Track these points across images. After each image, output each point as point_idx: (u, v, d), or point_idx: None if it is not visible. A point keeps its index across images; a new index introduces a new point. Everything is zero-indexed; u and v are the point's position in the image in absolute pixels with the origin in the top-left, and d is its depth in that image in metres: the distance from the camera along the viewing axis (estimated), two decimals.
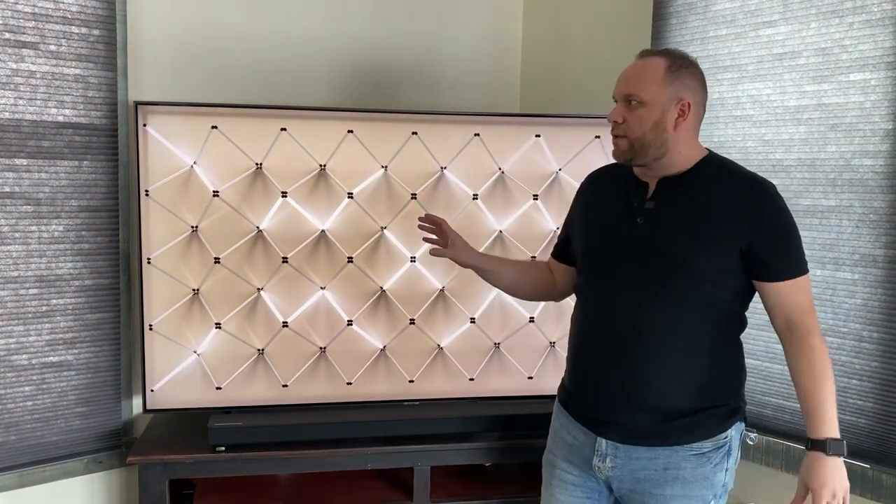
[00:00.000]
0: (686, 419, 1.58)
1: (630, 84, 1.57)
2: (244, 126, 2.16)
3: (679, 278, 1.55)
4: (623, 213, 1.64)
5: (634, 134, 1.57)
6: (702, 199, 1.57)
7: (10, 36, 2.06)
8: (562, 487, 1.73)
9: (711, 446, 1.60)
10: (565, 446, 1.73)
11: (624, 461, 1.61)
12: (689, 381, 1.59)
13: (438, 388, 2.35)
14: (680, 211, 1.58)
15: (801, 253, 1.58)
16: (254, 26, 2.46)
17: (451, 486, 2.32)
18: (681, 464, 1.59)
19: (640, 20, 2.49)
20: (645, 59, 1.60)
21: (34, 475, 2.18)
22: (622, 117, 1.57)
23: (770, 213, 1.55)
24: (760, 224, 1.54)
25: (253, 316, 2.22)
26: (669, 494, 1.59)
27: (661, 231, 1.58)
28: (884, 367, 1.96)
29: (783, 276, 1.55)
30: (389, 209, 2.28)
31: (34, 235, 2.14)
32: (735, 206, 1.55)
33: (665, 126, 1.56)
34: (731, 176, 1.60)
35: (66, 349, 2.22)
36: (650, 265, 1.57)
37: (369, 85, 2.66)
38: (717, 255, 1.55)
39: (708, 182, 1.59)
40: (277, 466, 2.18)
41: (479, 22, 2.85)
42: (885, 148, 1.93)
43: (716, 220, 1.55)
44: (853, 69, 1.99)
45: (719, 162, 1.64)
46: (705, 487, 1.60)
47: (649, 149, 1.57)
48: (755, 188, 1.57)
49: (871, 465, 1.97)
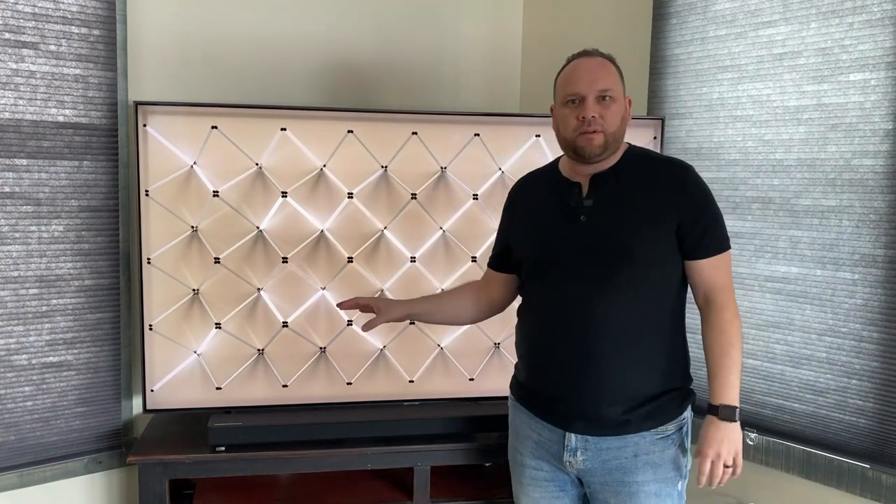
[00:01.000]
0: (650, 405, 1.63)
1: (603, 81, 1.62)
2: (244, 126, 2.16)
3: (629, 268, 1.59)
4: (564, 214, 1.69)
5: (611, 128, 1.62)
6: (635, 190, 1.64)
7: (10, 36, 2.07)
8: (534, 485, 1.77)
9: (674, 428, 1.66)
10: (531, 444, 1.76)
11: (594, 453, 1.65)
12: (650, 367, 1.64)
13: (438, 388, 2.36)
14: (618, 204, 1.64)
15: (724, 230, 1.66)
16: (254, 26, 2.46)
17: (451, 486, 2.32)
18: (650, 448, 1.64)
19: (640, 20, 2.49)
20: (597, 59, 1.66)
21: (34, 475, 2.18)
22: (598, 112, 1.61)
23: (694, 193, 1.63)
24: (687, 204, 1.62)
25: (253, 316, 2.22)
26: (642, 480, 1.63)
27: (606, 226, 1.63)
28: (884, 367, 1.96)
29: (707, 253, 1.63)
30: (389, 209, 2.28)
31: (34, 235, 2.14)
32: (664, 190, 1.63)
33: (626, 120, 1.67)
34: (655, 163, 1.69)
35: (66, 349, 2.22)
36: (600, 260, 1.62)
37: (369, 85, 2.66)
38: (658, 241, 1.62)
39: (636, 173, 1.66)
40: (277, 466, 2.18)
41: (479, 22, 2.85)
42: (885, 148, 1.93)
43: (651, 207, 1.62)
44: (853, 69, 1.99)
45: (639, 152, 1.72)
46: (673, 470, 1.66)
47: (616, 142, 1.65)
48: (679, 171, 1.66)
49: (870, 465, 1.97)
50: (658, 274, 1.62)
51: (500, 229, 1.90)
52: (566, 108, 1.64)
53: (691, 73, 2.34)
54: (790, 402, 2.15)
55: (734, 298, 1.65)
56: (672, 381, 1.67)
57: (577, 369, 1.64)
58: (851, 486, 2.00)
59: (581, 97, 1.61)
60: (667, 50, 2.41)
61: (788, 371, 2.15)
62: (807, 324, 2.11)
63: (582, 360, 1.63)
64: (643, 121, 2.35)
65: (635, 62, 2.52)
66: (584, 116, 1.60)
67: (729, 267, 1.66)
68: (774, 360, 2.18)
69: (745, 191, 2.23)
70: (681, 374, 1.71)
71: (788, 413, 2.16)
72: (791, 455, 2.12)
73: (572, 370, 1.65)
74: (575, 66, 1.66)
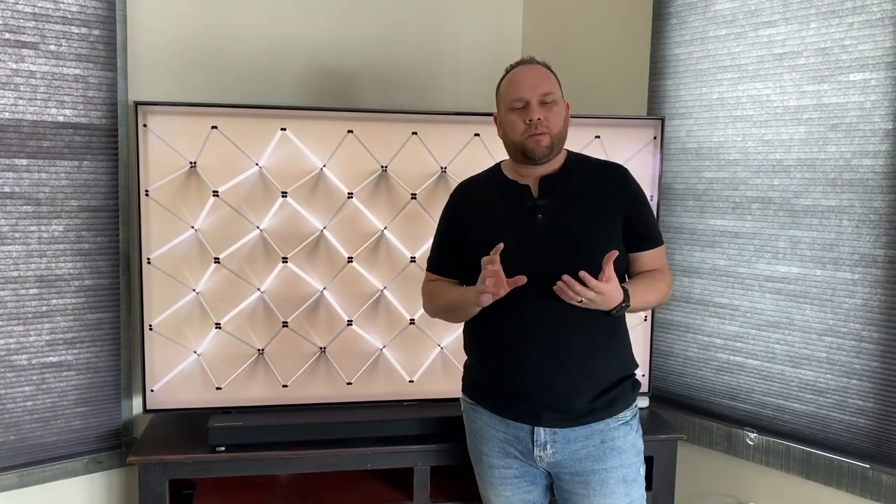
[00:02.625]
0: (612, 391, 1.72)
1: (544, 85, 1.70)
2: (244, 126, 2.16)
3: (588, 260, 1.61)
4: (519, 214, 1.73)
5: (555, 129, 1.70)
6: (583, 190, 1.73)
7: (10, 36, 2.07)
8: (505, 484, 1.80)
9: (631, 415, 1.76)
10: (498, 443, 1.78)
11: (564, 444, 1.70)
12: (609, 354, 1.73)
13: (438, 388, 2.36)
14: (570, 203, 1.72)
15: (657, 227, 1.83)
16: (254, 26, 2.46)
17: (451, 486, 2.32)
18: (614, 434, 1.72)
19: (640, 20, 2.49)
20: (536, 66, 1.74)
21: (34, 475, 2.18)
22: (543, 115, 1.68)
23: (635, 192, 1.77)
24: (631, 202, 1.75)
25: (253, 316, 2.22)
26: (610, 467, 1.70)
27: (563, 223, 1.70)
28: (884, 367, 1.96)
29: (652, 245, 1.77)
30: (389, 209, 2.28)
31: (34, 235, 2.14)
32: (609, 190, 1.74)
33: (568, 122, 1.75)
34: (595, 165, 1.80)
35: (66, 349, 2.22)
36: (561, 255, 1.66)
37: (369, 85, 2.66)
38: (611, 234, 1.71)
39: (581, 174, 1.76)
40: (277, 466, 2.18)
41: (479, 22, 2.85)
42: (885, 148, 1.94)
43: (599, 205, 1.72)
44: (853, 69, 1.99)
45: (579, 156, 1.82)
46: (635, 454, 1.75)
47: (561, 142, 1.74)
48: (618, 172, 1.78)
49: (870, 465, 1.97)
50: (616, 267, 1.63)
51: (446, 234, 1.87)
52: (512, 113, 1.71)
53: (691, 73, 2.34)
54: (790, 402, 2.15)
55: (671, 280, 1.83)
56: (626, 367, 1.78)
57: (545, 363, 1.68)
58: (851, 486, 2.00)
59: (526, 101, 1.69)
60: (667, 50, 2.41)
61: (788, 371, 2.15)
62: (807, 324, 2.11)
63: (550, 353, 1.68)
64: (643, 121, 2.35)
65: (635, 62, 2.52)
66: (531, 119, 1.67)
67: (665, 257, 1.83)
68: (774, 360, 2.18)
69: (745, 191, 2.23)
70: (631, 362, 1.81)
71: (788, 413, 2.16)
72: (791, 455, 2.12)
73: (540, 364, 1.69)
74: (516, 73, 1.74)
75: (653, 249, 1.78)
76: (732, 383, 2.28)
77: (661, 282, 1.77)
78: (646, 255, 1.77)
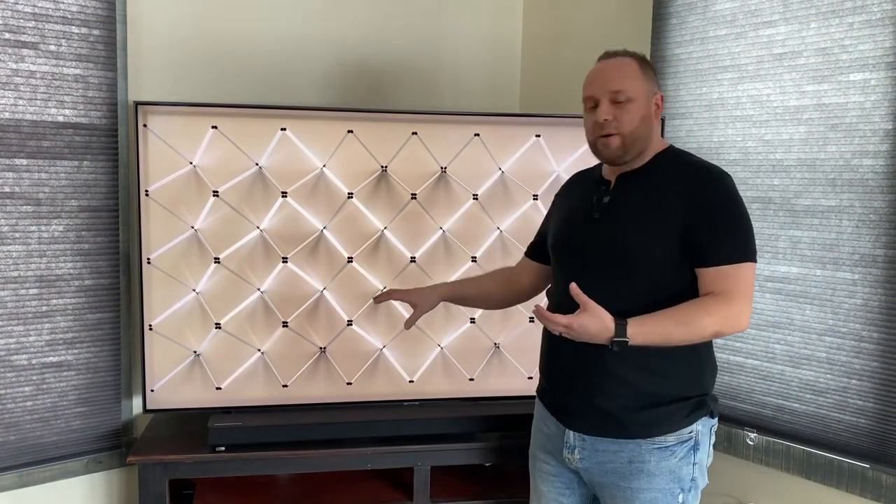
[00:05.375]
0: (649, 412, 1.59)
1: (615, 81, 1.59)
2: (244, 126, 2.16)
3: (632, 271, 1.57)
4: (584, 210, 1.70)
5: (627, 129, 1.59)
6: (654, 192, 1.60)
7: (10, 36, 2.06)
8: (542, 478, 1.78)
9: (675, 440, 1.60)
10: (542, 437, 1.77)
11: (591, 453, 1.64)
12: (650, 373, 1.58)
13: (438, 388, 2.35)
14: (632, 205, 1.62)
15: (739, 242, 1.54)
16: (254, 26, 2.46)
17: (451, 486, 2.32)
18: (645, 457, 1.60)
19: (640, 20, 2.49)
20: (616, 59, 1.63)
21: (34, 475, 2.18)
22: (612, 115, 1.58)
23: (708, 200, 1.55)
24: (698, 210, 1.54)
25: (253, 316, 2.22)
26: (636, 487, 1.60)
27: (612, 225, 1.63)
28: (884, 367, 1.96)
29: (715, 262, 1.53)
30: (389, 209, 2.28)
31: (34, 235, 2.14)
32: (679, 194, 1.57)
33: (650, 119, 1.62)
34: (686, 166, 1.63)
35: (66, 349, 2.22)
36: (606, 260, 1.61)
37: (369, 85, 2.66)
38: (661, 246, 1.56)
39: (663, 174, 1.62)
40: (277, 466, 2.18)
41: (479, 22, 2.85)
42: (885, 148, 1.93)
43: (663, 210, 1.57)
44: (853, 69, 1.99)
45: (677, 154, 1.67)
46: (672, 481, 1.60)
47: (638, 143, 1.61)
48: (702, 174, 1.59)
49: (871, 465, 1.97)
50: (661, 280, 1.57)
51: (544, 218, 1.93)
52: (586, 111, 1.65)
53: (691, 73, 2.34)
54: (790, 402, 2.15)
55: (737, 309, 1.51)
56: (677, 391, 1.60)
57: (573, 366, 1.64)
58: (851, 486, 2.00)
59: (595, 100, 1.61)
60: (667, 50, 2.40)
61: (788, 371, 2.15)
62: (807, 324, 2.11)
63: (578, 357, 1.62)
64: None
65: None
66: (597, 120, 1.60)
67: (740, 279, 1.52)
68: (774, 360, 2.18)
69: (745, 191, 2.23)
70: (690, 385, 1.63)
71: (788, 413, 2.16)
72: (791, 455, 2.12)
73: (569, 367, 1.65)
74: (592, 70, 1.66)
75: (713, 267, 1.52)
76: (732, 383, 2.28)
77: (702, 312, 1.50)
78: (704, 274, 1.54)
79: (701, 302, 1.53)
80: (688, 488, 1.63)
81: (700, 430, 1.63)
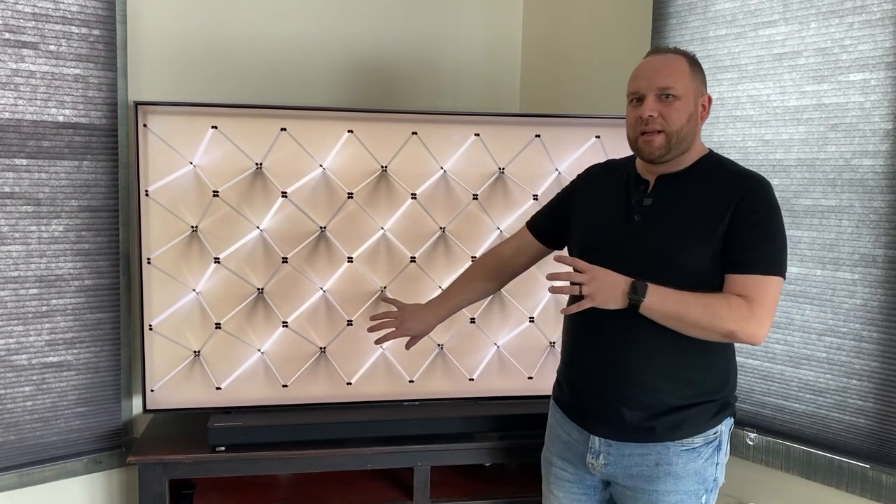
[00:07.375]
0: (676, 415, 1.59)
1: (664, 78, 1.56)
2: (244, 126, 2.16)
3: (670, 277, 1.54)
4: (621, 210, 1.65)
5: (673, 127, 1.55)
6: (697, 197, 1.58)
7: (10, 36, 2.06)
8: (558, 485, 1.75)
9: (702, 441, 1.61)
10: (560, 443, 1.74)
11: (616, 458, 1.63)
12: (678, 377, 1.58)
13: (438, 388, 2.35)
14: (675, 209, 1.59)
15: (772, 257, 1.53)
16: (254, 26, 2.46)
17: (451, 486, 2.32)
18: (672, 459, 1.59)
19: (640, 20, 2.49)
20: (665, 56, 1.61)
21: (34, 475, 2.18)
22: (657, 111, 1.55)
23: (750, 209, 1.53)
24: (739, 218, 1.52)
25: (253, 316, 2.22)
26: (662, 490, 1.60)
27: (655, 229, 1.59)
28: (884, 367, 1.96)
29: (746, 270, 1.51)
30: (389, 209, 2.28)
31: (34, 235, 2.14)
32: (721, 202, 1.54)
33: (696, 119, 1.59)
34: (728, 173, 1.61)
35: (66, 349, 2.22)
36: (643, 263, 1.56)
37: (369, 85, 2.66)
38: (707, 253, 1.54)
39: (705, 179, 1.60)
40: (277, 466, 2.18)
41: (479, 22, 2.85)
42: (885, 148, 1.93)
43: (706, 217, 1.55)
44: (853, 69, 1.99)
45: (718, 160, 1.65)
46: (697, 482, 1.61)
47: (683, 142, 1.58)
48: (744, 182, 1.57)
49: (871, 465, 1.97)
50: (700, 286, 1.54)
51: (557, 197, 1.87)
52: (630, 106, 1.61)
53: None
54: (790, 402, 2.15)
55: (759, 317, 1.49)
56: (705, 393, 1.60)
57: (605, 374, 1.61)
58: (851, 486, 2.00)
59: (641, 95, 1.58)
60: None
61: (788, 371, 2.15)
62: (807, 324, 2.11)
63: (605, 363, 1.60)
64: None
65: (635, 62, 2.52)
66: (642, 116, 1.56)
67: (767, 291, 1.51)
68: (774, 360, 2.18)
69: None
70: (716, 388, 1.62)
71: (788, 413, 2.16)
72: (791, 455, 2.12)
73: (596, 372, 1.63)
74: (640, 64, 1.62)
75: (742, 275, 1.51)
76: None
77: (725, 304, 1.49)
78: (732, 280, 1.52)
79: (725, 295, 1.52)
80: (710, 488, 1.64)
81: (723, 431, 1.64)
